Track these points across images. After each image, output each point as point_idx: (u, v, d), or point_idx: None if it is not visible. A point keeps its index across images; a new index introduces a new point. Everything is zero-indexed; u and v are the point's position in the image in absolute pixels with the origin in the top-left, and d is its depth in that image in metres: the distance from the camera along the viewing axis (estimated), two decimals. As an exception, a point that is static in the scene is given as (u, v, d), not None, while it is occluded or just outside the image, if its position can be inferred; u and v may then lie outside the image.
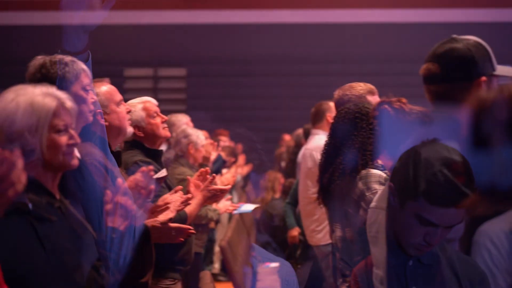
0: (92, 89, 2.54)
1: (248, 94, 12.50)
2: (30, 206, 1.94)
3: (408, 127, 2.78)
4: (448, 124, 2.29)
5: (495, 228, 2.01)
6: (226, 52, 12.37)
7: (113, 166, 2.76)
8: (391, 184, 2.09)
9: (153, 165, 3.45)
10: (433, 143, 2.07)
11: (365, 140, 3.15)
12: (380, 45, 12.22)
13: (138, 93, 4.56)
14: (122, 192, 2.18)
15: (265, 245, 7.42)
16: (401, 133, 2.72)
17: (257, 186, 9.08)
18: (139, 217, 2.30)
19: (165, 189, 3.62)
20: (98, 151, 2.64)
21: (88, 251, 2.10)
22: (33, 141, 1.99)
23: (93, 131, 2.63)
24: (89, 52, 2.58)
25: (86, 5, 2.46)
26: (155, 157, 3.80)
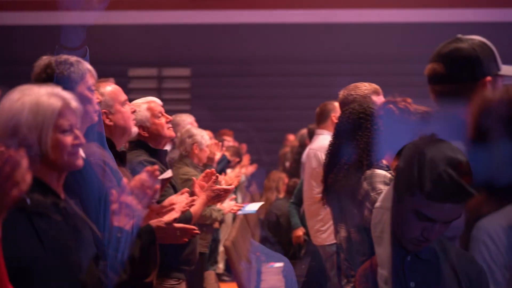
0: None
1: (253, 94, 12.50)
2: (28, 202, 1.93)
3: (413, 127, 2.78)
4: (453, 124, 2.29)
5: (493, 223, 2.01)
6: (231, 52, 12.36)
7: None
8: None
9: (158, 165, 3.45)
10: (438, 142, 2.06)
11: (370, 140, 3.15)
12: (385, 45, 12.20)
13: (143, 93, 4.56)
14: (128, 192, 2.18)
15: (263, 241, 7.44)
16: (406, 133, 2.71)
17: (261, 187, 9.08)
18: (140, 216, 2.30)
19: (170, 189, 3.62)
20: (103, 151, 2.64)
21: (92, 251, 2.10)
22: (38, 141, 2.00)
23: (99, 132, 2.63)
24: (87, 48, 2.58)
25: (84, 2, 2.47)
26: (160, 157, 3.80)
